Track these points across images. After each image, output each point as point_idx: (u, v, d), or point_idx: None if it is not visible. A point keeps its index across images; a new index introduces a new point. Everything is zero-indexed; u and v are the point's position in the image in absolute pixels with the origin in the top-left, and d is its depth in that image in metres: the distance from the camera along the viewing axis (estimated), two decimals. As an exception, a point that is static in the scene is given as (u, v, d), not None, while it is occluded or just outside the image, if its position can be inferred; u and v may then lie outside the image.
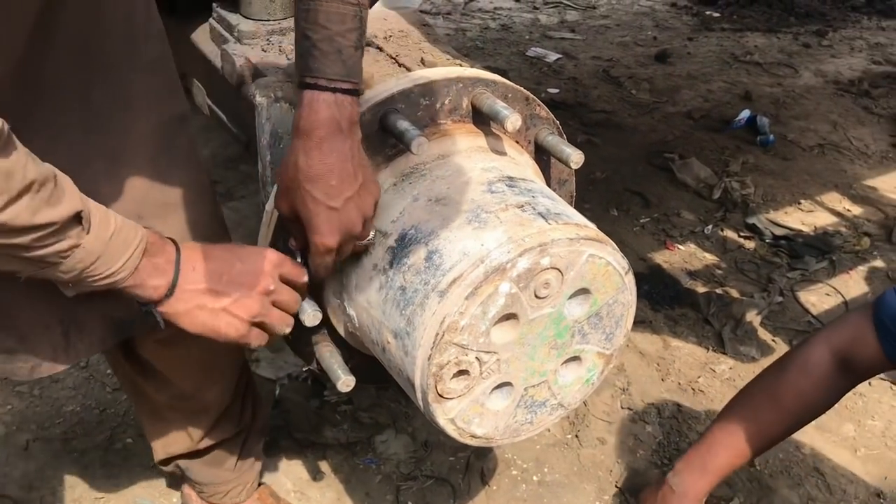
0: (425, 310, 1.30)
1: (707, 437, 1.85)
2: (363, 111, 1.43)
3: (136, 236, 1.11)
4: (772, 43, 5.63)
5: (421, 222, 1.38)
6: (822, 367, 1.69)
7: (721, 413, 1.86)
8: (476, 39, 5.35)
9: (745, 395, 1.84)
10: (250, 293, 1.25)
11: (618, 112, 4.40)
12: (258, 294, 1.26)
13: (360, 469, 2.23)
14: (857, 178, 3.89)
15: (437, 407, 1.36)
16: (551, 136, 1.60)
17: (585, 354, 1.48)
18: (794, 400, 1.73)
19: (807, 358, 1.71)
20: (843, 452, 2.39)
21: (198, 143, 1.52)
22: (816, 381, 1.69)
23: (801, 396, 1.72)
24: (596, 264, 1.37)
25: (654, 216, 3.46)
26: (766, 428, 1.77)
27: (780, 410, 1.74)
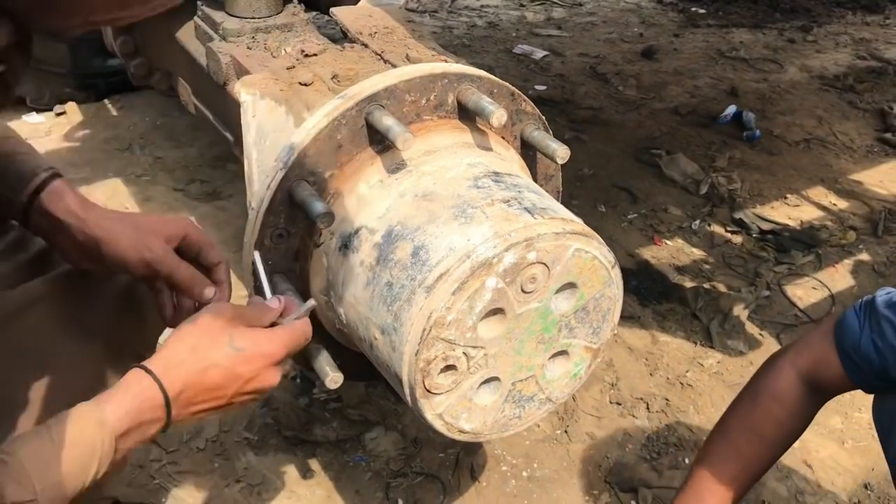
0: (412, 305, 1.31)
1: (691, 483, 1.74)
2: (350, 107, 1.43)
3: (94, 446, 1.03)
4: (757, 39, 5.65)
5: (407, 218, 1.39)
6: (793, 391, 1.64)
7: (700, 455, 1.77)
8: (463, 37, 5.35)
9: (721, 433, 1.75)
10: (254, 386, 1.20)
11: (605, 108, 4.40)
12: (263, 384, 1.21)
13: (349, 466, 2.23)
14: (842, 172, 3.91)
15: (425, 402, 1.36)
16: (537, 131, 1.60)
17: (573, 349, 1.48)
18: (772, 429, 1.66)
19: (776, 385, 1.66)
20: (831, 444, 2.41)
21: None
22: (790, 407, 1.64)
23: (778, 425, 1.66)
24: (582, 258, 1.37)
25: (641, 212, 3.47)
26: (749, 463, 1.69)
27: (761, 443, 1.67)
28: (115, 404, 1.06)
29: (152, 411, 1.09)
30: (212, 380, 1.13)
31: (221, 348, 1.14)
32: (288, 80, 1.65)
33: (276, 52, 1.89)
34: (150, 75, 2.73)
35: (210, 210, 3.19)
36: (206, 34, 2.10)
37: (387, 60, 1.70)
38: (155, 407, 1.09)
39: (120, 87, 3.92)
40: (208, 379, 1.13)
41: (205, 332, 1.15)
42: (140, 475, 2.15)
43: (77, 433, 1.02)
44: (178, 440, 2.25)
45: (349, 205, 1.46)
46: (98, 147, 3.60)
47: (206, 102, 2.34)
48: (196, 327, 1.16)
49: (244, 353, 1.15)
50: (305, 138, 1.42)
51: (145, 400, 1.08)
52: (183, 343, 1.14)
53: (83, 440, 1.02)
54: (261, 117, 1.60)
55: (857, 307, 1.57)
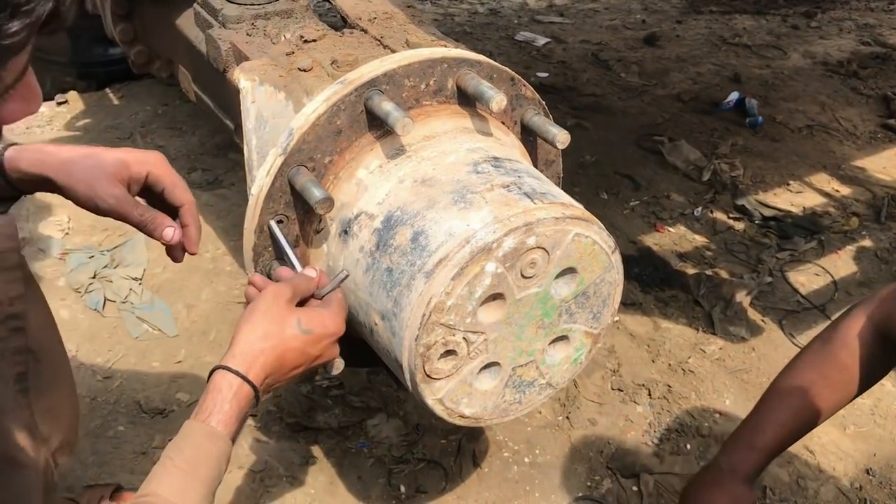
0: (412, 291, 1.31)
1: (753, 415, 1.77)
2: (349, 92, 1.43)
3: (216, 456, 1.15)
4: (760, 25, 5.62)
5: (407, 204, 1.39)
6: (863, 339, 1.63)
7: (767, 390, 1.78)
8: (464, 24, 5.33)
9: (789, 371, 1.76)
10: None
11: (607, 95, 4.39)
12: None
13: (351, 453, 2.23)
14: (845, 158, 3.90)
15: (426, 387, 1.36)
16: (537, 116, 1.60)
17: (573, 334, 1.48)
18: (838, 374, 1.67)
19: (847, 330, 1.66)
20: (833, 430, 2.41)
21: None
22: (858, 354, 1.64)
23: (844, 370, 1.66)
24: (582, 243, 1.37)
25: (643, 199, 3.46)
26: (811, 402, 1.69)
27: (827, 386, 1.67)
28: (217, 413, 1.17)
29: (248, 404, 1.20)
30: (289, 362, 1.24)
31: (292, 331, 1.24)
32: (287, 66, 1.65)
33: (276, 39, 1.88)
34: (150, 63, 2.72)
35: (211, 198, 3.19)
36: (206, 21, 2.09)
37: (386, 46, 1.69)
38: (249, 399, 1.20)
39: (121, 76, 3.91)
40: (286, 363, 1.24)
41: (272, 319, 1.24)
42: (143, 461, 2.16)
43: (198, 454, 1.14)
44: (180, 427, 2.25)
45: (348, 190, 1.46)
46: (99, 136, 3.59)
47: (207, 90, 2.33)
48: (262, 315, 1.24)
49: (312, 334, 1.25)
50: (304, 124, 1.42)
51: (241, 399, 1.19)
52: (254, 334, 1.23)
53: (205, 457, 1.14)
54: (260, 103, 1.60)
55: None
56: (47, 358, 1.33)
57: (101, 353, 2.48)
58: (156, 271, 2.78)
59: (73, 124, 3.69)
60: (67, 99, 3.84)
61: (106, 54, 3.82)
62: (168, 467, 1.13)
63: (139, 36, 2.65)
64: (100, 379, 2.39)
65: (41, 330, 1.32)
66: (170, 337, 2.55)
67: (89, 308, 2.63)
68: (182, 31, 2.33)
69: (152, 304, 2.64)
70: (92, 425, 2.25)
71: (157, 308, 2.63)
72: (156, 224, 1.37)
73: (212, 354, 2.50)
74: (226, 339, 2.53)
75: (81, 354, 2.46)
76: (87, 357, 2.46)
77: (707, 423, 2.40)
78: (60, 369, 1.39)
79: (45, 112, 3.76)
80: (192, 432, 1.16)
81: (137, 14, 2.60)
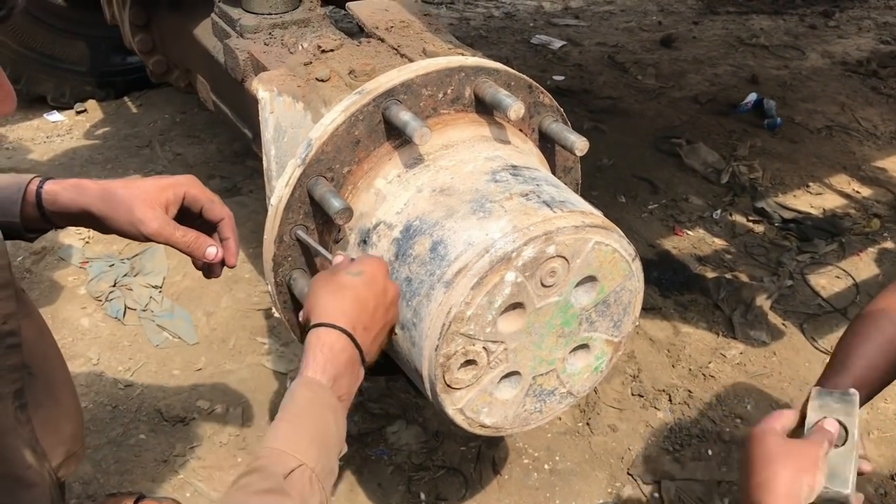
0: (431, 301, 1.30)
1: (837, 353, 1.54)
2: (367, 102, 1.43)
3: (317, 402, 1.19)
4: (778, 25, 5.59)
5: (425, 213, 1.38)
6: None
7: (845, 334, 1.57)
8: (480, 28, 5.33)
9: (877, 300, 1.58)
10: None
11: (624, 98, 4.37)
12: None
13: (371, 460, 2.23)
14: (865, 159, 3.87)
15: (446, 397, 1.36)
16: (555, 123, 1.59)
17: (593, 342, 1.47)
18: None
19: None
20: (856, 435, 2.38)
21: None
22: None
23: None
24: (602, 251, 1.36)
25: (662, 202, 3.44)
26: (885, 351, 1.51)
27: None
28: (311, 365, 1.20)
29: (343, 351, 1.22)
30: (360, 303, 1.25)
31: (345, 278, 1.27)
32: (305, 76, 1.65)
33: (293, 48, 1.89)
34: (168, 73, 2.74)
35: (230, 206, 3.13)
36: (224, 31, 2.10)
37: (403, 55, 1.69)
38: (340, 342, 1.22)
39: (139, 84, 3.94)
40: (358, 303, 1.25)
41: (323, 282, 1.29)
42: (164, 470, 2.17)
43: (299, 404, 1.17)
44: (201, 435, 2.27)
45: (367, 200, 1.46)
46: (118, 144, 3.62)
47: (225, 99, 2.34)
48: (313, 284, 1.31)
49: (364, 274, 1.27)
50: (323, 134, 1.42)
51: (329, 344, 1.21)
52: (314, 297, 1.27)
53: (306, 405, 1.18)
54: (278, 114, 1.60)
55: None
56: (43, 370, 1.33)
57: (121, 361, 2.49)
58: (175, 279, 2.80)
59: (92, 133, 3.72)
60: (86, 108, 3.88)
61: (124, 63, 3.86)
62: (276, 424, 1.16)
63: (157, 46, 2.67)
64: (121, 387, 2.41)
65: (34, 343, 1.32)
66: (190, 344, 2.57)
67: (110, 316, 2.64)
68: (200, 41, 2.35)
69: (172, 312, 2.66)
70: (113, 433, 2.26)
71: (177, 316, 2.65)
72: (198, 244, 1.40)
73: (232, 361, 2.51)
74: (245, 346, 2.56)
75: (102, 363, 2.48)
76: (109, 365, 2.47)
77: (728, 428, 2.38)
78: (57, 380, 1.39)
79: (64, 121, 3.79)
80: (292, 390, 1.19)
81: (155, 24, 2.62)
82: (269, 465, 1.09)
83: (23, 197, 1.34)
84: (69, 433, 1.38)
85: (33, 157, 3.49)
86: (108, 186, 1.38)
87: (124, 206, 1.36)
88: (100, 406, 2.35)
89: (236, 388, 2.42)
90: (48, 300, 2.69)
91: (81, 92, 3.87)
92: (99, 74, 3.87)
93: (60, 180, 1.39)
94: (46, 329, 1.40)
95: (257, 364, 2.51)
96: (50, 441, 1.31)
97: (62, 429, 1.38)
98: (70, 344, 2.53)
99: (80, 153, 3.54)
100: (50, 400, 1.34)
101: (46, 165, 3.42)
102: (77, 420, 1.43)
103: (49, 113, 3.82)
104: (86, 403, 2.35)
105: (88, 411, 2.33)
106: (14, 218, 1.35)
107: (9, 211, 1.34)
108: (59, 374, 1.41)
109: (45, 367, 1.35)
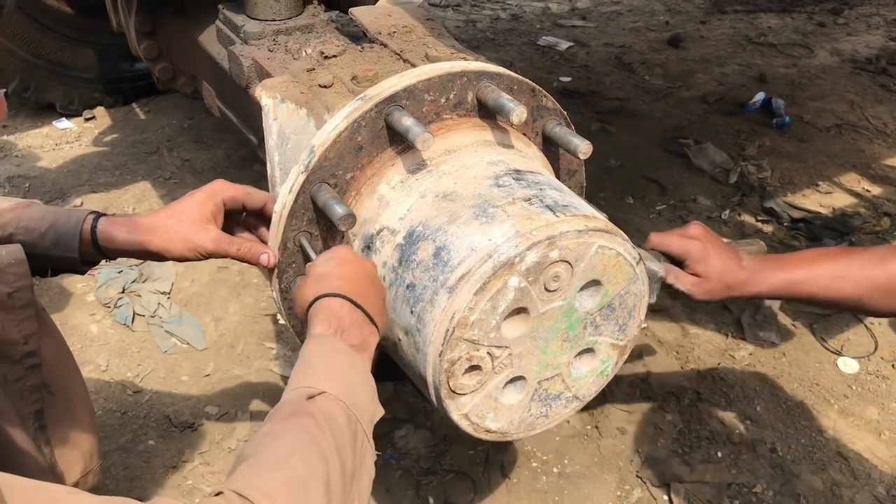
0: (435, 306, 1.30)
1: (793, 254, 1.70)
2: (369, 108, 1.43)
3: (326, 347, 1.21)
4: (786, 23, 5.57)
5: (428, 219, 1.38)
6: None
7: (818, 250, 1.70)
8: (486, 30, 5.33)
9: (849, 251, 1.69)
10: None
11: (631, 99, 4.36)
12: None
13: (379, 465, 2.21)
14: (875, 157, 3.84)
15: (451, 403, 1.36)
16: (559, 126, 1.59)
17: (599, 346, 1.47)
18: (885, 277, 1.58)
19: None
20: (867, 436, 2.37)
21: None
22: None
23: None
24: (606, 255, 1.36)
25: (670, 203, 3.43)
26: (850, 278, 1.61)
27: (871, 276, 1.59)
28: (313, 326, 1.24)
29: (342, 307, 1.25)
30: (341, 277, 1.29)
31: (319, 269, 1.32)
32: (308, 83, 1.65)
33: (297, 54, 1.89)
34: (174, 79, 2.75)
35: (238, 211, 3.21)
36: (228, 37, 2.11)
37: (406, 60, 1.69)
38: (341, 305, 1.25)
39: (147, 91, 3.96)
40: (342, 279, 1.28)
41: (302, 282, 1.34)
42: (173, 476, 2.18)
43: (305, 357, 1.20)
44: (210, 441, 2.27)
45: (370, 206, 1.46)
46: (127, 151, 3.63)
47: (230, 105, 2.35)
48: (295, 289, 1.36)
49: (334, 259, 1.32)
50: (326, 141, 1.42)
51: (328, 306, 1.25)
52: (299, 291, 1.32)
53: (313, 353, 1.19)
54: (282, 120, 1.60)
55: None
56: (62, 389, 1.36)
57: (130, 367, 2.50)
58: (184, 285, 2.80)
59: (100, 139, 3.73)
60: (95, 114, 3.90)
61: (132, 69, 3.87)
62: (296, 368, 1.17)
63: (163, 53, 2.68)
64: (130, 393, 2.41)
65: (55, 361, 1.35)
66: (198, 350, 2.57)
67: (118, 323, 2.65)
68: (205, 48, 2.36)
69: (181, 318, 2.67)
70: (122, 440, 2.27)
71: (186, 322, 2.66)
72: (252, 253, 1.48)
73: (240, 367, 2.51)
74: (253, 352, 2.56)
75: (111, 369, 2.49)
76: (117, 372, 2.48)
77: (738, 430, 2.37)
78: (76, 398, 1.41)
79: (73, 128, 3.81)
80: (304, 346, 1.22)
81: (161, 31, 2.63)
82: (289, 399, 1.11)
83: (79, 234, 1.41)
84: (87, 450, 1.40)
85: (43, 165, 3.51)
86: (157, 221, 1.46)
87: (178, 235, 1.44)
88: (109, 412, 2.35)
89: (245, 394, 2.42)
90: (57, 307, 2.71)
91: (90, 99, 3.89)
92: (107, 81, 3.88)
93: (113, 218, 1.47)
94: (66, 347, 1.43)
95: (266, 369, 2.51)
96: (67, 459, 1.32)
97: (80, 446, 1.39)
98: (79, 351, 2.54)
99: (88, 160, 3.55)
100: (68, 418, 1.36)
101: (56, 173, 3.44)
102: (94, 437, 1.45)
103: (58, 120, 3.84)
104: (95, 410, 2.35)
105: (98, 418, 2.33)
106: (73, 253, 1.42)
107: (68, 246, 1.42)
108: (78, 391, 1.44)
109: (64, 385, 1.37)
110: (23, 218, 1.40)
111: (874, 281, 1.59)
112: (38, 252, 1.39)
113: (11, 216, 1.41)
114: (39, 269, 1.42)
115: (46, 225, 1.41)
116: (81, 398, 1.44)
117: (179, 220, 1.45)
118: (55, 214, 1.43)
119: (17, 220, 1.40)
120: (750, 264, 1.65)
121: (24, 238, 1.39)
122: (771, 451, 2.30)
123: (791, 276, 1.63)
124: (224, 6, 2.18)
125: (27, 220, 1.40)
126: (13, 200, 1.46)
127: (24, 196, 3.27)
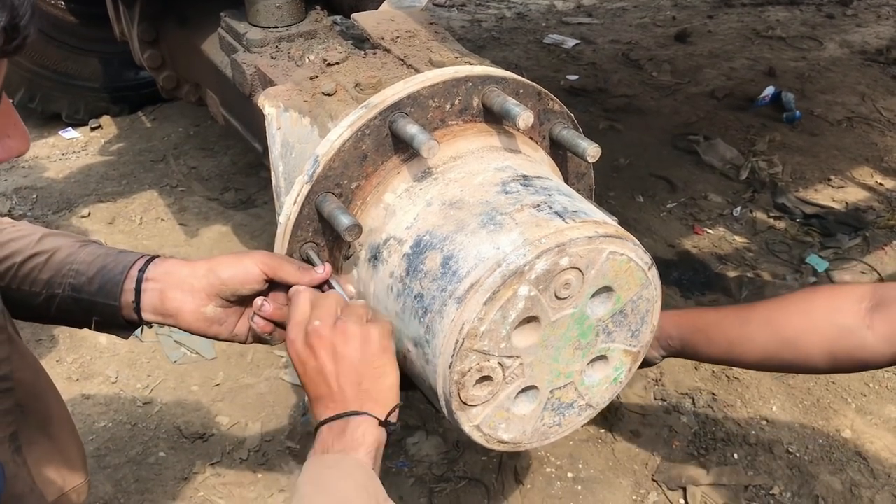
0: (444, 317, 1.28)
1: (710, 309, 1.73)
2: (373, 116, 1.41)
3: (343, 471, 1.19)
4: (794, 16, 5.52)
5: (435, 227, 1.36)
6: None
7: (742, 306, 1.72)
8: (492, 30, 5.30)
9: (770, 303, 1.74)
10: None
11: (639, 96, 4.33)
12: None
13: (392, 472, 2.21)
14: (888, 150, 3.80)
15: (462, 414, 1.33)
16: (566, 130, 1.56)
17: (611, 353, 1.44)
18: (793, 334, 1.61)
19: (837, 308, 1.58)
20: (886, 435, 2.33)
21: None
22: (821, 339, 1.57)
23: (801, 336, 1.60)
24: (617, 261, 1.33)
25: (680, 200, 3.40)
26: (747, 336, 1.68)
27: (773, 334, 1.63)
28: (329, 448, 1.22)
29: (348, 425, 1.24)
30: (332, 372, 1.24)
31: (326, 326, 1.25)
32: (311, 91, 1.63)
33: (300, 61, 1.87)
34: (178, 88, 2.74)
35: (245, 218, 3.20)
36: (231, 45, 2.09)
37: (410, 65, 1.67)
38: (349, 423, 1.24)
39: (153, 99, 3.95)
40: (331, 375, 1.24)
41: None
42: (184, 488, 2.16)
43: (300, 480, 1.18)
44: (220, 451, 2.26)
45: (376, 215, 1.44)
46: (133, 159, 3.63)
47: (234, 113, 2.33)
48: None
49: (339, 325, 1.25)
50: (330, 150, 1.40)
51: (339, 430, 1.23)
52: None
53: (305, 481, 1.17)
54: (285, 129, 1.58)
55: None
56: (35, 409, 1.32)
57: (140, 378, 2.49)
58: (192, 294, 2.79)
59: (107, 148, 3.73)
60: (101, 123, 3.89)
61: (137, 78, 3.87)
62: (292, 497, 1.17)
63: (167, 61, 2.67)
64: (140, 405, 2.40)
65: (31, 384, 1.32)
66: (207, 360, 2.56)
67: (128, 333, 2.64)
68: (208, 56, 2.34)
69: (189, 328, 2.65)
70: (133, 452, 2.26)
71: (195, 331, 2.64)
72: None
73: (250, 376, 2.50)
74: (263, 360, 2.55)
75: (121, 381, 2.48)
76: (127, 383, 2.47)
77: (754, 430, 2.34)
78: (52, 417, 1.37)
79: (79, 137, 3.81)
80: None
81: (164, 40, 2.62)
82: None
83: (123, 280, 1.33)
84: (66, 469, 1.38)
85: (49, 175, 3.50)
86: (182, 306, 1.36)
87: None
88: (119, 424, 2.34)
89: (255, 403, 2.41)
90: (66, 319, 2.70)
91: (96, 108, 3.88)
92: (112, 90, 3.88)
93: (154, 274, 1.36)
94: (41, 368, 1.39)
95: (275, 378, 2.49)
96: (44, 478, 1.30)
97: (58, 465, 1.37)
98: (89, 362, 2.53)
99: (95, 169, 3.55)
100: (43, 437, 1.33)
101: (63, 183, 3.43)
102: (75, 455, 1.42)
103: (64, 130, 3.84)
104: (105, 422, 2.35)
105: (108, 430, 2.33)
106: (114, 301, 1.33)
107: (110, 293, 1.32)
108: (55, 411, 1.40)
109: (37, 405, 1.34)
110: (76, 261, 1.32)
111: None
112: (83, 297, 1.31)
113: (62, 255, 1.32)
114: (85, 319, 1.34)
115: (96, 269, 1.32)
116: (60, 419, 1.40)
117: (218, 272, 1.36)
118: (106, 257, 1.34)
119: (71, 263, 1.32)
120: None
121: (74, 281, 1.31)
122: (788, 452, 2.27)
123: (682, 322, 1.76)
124: (226, 14, 2.16)
125: (79, 264, 1.32)
126: (70, 238, 1.37)
127: (31, 207, 3.27)
